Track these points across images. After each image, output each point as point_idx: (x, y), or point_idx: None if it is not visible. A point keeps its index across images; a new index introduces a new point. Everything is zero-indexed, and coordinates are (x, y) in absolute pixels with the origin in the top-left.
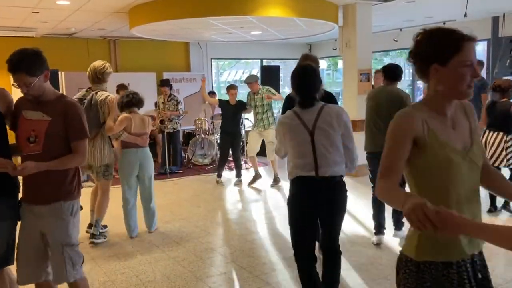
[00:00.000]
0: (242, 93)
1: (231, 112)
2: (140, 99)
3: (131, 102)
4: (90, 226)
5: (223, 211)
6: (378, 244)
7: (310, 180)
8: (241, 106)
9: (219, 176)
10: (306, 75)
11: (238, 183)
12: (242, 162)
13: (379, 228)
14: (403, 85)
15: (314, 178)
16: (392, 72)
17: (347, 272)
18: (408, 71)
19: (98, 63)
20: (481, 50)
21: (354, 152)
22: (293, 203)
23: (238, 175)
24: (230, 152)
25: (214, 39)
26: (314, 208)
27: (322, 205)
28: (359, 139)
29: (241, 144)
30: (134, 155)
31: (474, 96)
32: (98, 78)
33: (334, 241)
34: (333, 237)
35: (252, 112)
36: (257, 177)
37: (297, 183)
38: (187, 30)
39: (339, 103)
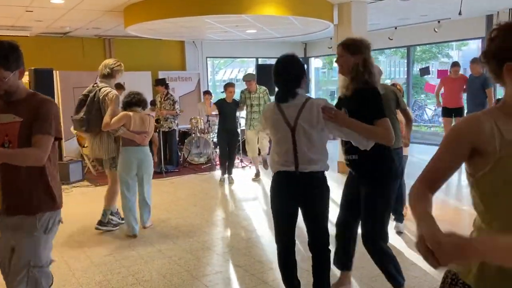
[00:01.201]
0: (237, 92)
1: (229, 110)
2: (140, 99)
3: (130, 102)
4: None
5: (219, 210)
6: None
7: (290, 174)
8: (237, 104)
9: (229, 174)
10: (286, 65)
11: (231, 180)
12: (238, 161)
13: None
14: (399, 82)
15: (294, 173)
16: None
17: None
18: (403, 69)
19: (111, 60)
20: (475, 48)
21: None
22: (274, 195)
23: (230, 172)
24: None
25: (209, 37)
26: (295, 200)
27: (302, 199)
28: None
29: (238, 142)
30: (132, 153)
31: (476, 92)
32: (107, 72)
33: (321, 237)
34: (319, 233)
35: (244, 110)
36: (259, 174)
37: (277, 177)
38: (182, 29)
39: (334, 101)
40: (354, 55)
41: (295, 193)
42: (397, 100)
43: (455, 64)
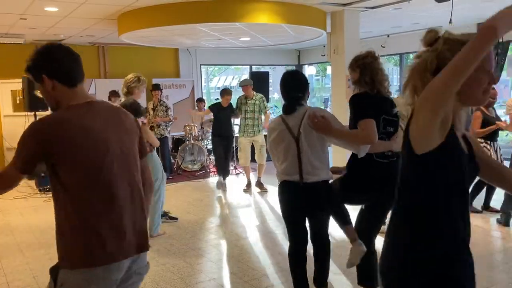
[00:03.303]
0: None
1: (224, 115)
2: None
3: None
4: None
5: (212, 217)
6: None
7: (294, 185)
8: (232, 109)
9: (224, 178)
10: (292, 80)
11: (223, 185)
12: (231, 168)
13: None
14: (392, 90)
15: (298, 184)
16: None
17: (336, 276)
18: (396, 76)
19: (129, 76)
20: None
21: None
22: (282, 203)
23: (225, 177)
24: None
25: (203, 45)
26: (300, 210)
27: (306, 209)
28: None
29: (233, 149)
30: None
31: None
32: (125, 91)
33: (322, 241)
34: (320, 238)
35: (240, 116)
36: (250, 185)
37: (282, 187)
38: (176, 36)
39: (328, 109)
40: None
41: (299, 204)
42: None
43: None
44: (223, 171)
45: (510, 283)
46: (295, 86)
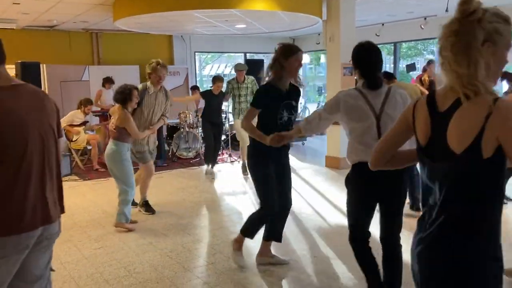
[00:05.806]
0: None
1: (217, 102)
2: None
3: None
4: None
5: (208, 203)
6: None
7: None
8: (223, 96)
9: (212, 167)
10: (375, 51)
11: (211, 174)
12: (226, 156)
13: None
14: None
15: None
16: (390, 74)
17: (334, 260)
18: (388, 65)
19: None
20: None
21: None
22: (354, 189)
23: (213, 166)
24: None
25: (197, 32)
26: (375, 195)
27: (381, 194)
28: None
29: (222, 134)
30: None
31: None
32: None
33: (396, 234)
34: (395, 229)
35: (229, 99)
36: (246, 168)
37: (357, 169)
38: (171, 23)
39: (322, 97)
40: None
41: (375, 187)
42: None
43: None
44: (211, 160)
45: None
46: (379, 61)
